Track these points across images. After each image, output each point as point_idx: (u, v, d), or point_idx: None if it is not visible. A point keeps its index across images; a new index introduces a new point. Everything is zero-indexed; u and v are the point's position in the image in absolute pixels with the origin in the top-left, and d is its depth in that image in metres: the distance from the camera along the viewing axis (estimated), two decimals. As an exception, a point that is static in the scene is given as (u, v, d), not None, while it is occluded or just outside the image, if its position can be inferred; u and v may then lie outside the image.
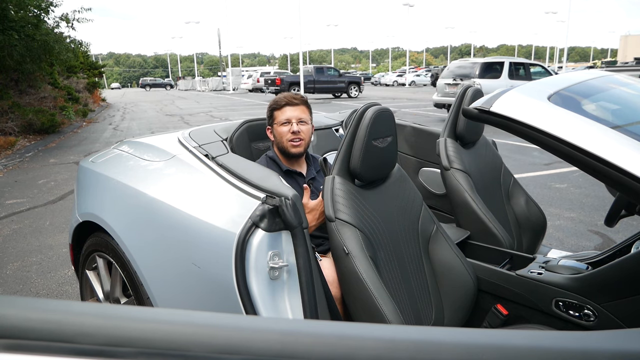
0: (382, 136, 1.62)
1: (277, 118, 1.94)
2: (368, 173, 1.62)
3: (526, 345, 0.44)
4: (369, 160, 1.59)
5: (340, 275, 1.52)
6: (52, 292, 2.97)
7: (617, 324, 1.52)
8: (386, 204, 1.68)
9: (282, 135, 1.92)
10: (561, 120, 0.99)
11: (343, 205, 1.52)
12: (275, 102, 1.96)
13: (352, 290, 1.47)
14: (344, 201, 1.54)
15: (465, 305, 1.73)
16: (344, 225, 1.50)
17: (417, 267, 1.70)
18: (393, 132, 1.68)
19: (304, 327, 0.48)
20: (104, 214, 1.84)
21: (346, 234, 1.48)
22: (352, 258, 1.45)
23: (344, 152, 1.61)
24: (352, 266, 1.45)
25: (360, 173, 1.59)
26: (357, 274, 1.43)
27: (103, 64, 40.46)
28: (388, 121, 1.65)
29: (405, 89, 36.08)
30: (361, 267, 1.44)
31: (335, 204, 1.53)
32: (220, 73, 45.43)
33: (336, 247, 1.50)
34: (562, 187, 5.16)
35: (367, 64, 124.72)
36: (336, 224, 1.50)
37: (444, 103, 11.64)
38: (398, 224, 1.69)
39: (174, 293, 1.58)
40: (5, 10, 9.22)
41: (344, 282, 1.51)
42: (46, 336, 0.43)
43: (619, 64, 32.40)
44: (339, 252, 1.49)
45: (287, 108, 1.93)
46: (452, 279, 1.73)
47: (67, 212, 4.60)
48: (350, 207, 1.53)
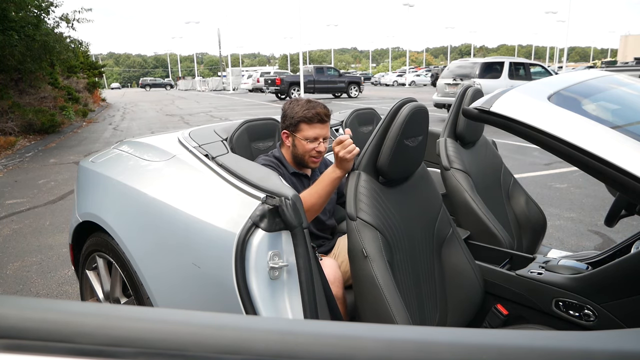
0: (414, 135, 1.57)
1: (303, 131, 1.86)
2: (395, 172, 1.57)
3: (526, 345, 0.44)
4: (398, 159, 1.54)
5: (355, 276, 1.48)
6: (52, 292, 2.97)
7: (617, 324, 1.52)
8: (407, 203, 1.64)
9: (305, 150, 1.87)
10: (561, 120, 0.99)
11: (365, 205, 1.48)
12: (304, 116, 1.84)
13: (366, 294, 1.44)
14: (367, 200, 1.49)
15: (470, 310, 1.72)
16: (365, 227, 1.45)
17: (428, 270, 1.67)
18: (425, 131, 1.63)
19: (304, 327, 0.48)
20: (104, 214, 1.84)
21: (366, 236, 1.44)
22: (370, 262, 1.41)
23: (372, 148, 1.54)
24: (369, 270, 1.41)
25: (387, 171, 1.55)
26: (374, 278, 1.40)
27: (103, 64, 40.43)
28: (423, 120, 1.59)
29: (405, 89, 36.08)
30: (378, 272, 1.40)
31: (358, 202, 1.48)
32: (220, 73, 45.44)
33: (354, 248, 1.46)
34: (562, 187, 5.15)
35: (367, 64, 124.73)
36: (357, 223, 1.46)
37: (444, 103, 11.64)
38: (416, 224, 1.65)
39: (173, 293, 1.58)
40: (5, 11, 9.22)
41: (358, 284, 1.47)
42: (46, 336, 0.43)
43: (619, 64, 32.39)
44: (356, 253, 1.45)
45: (317, 125, 1.85)
46: (460, 284, 1.71)
47: (67, 212, 4.60)
48: (372, 207, 1.49)
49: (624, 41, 67.57)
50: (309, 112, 1.84)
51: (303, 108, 1.86)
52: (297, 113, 1.86)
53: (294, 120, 1.86)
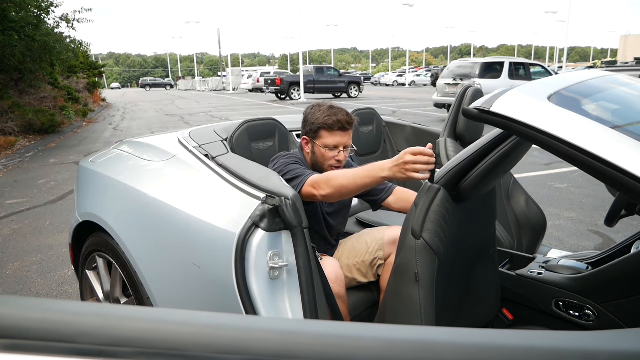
0: (512, 166, 1.52)
1: (324, 138, 1.76)
2: (476, 194, 1.49)
3: (526, 345, 0.44)
4: (488, 184, 1.47)
5: (395, 292, 1.41)
6: (52, 292, 2.97)
7: (617, 324, 1.52)
8: (468, 220, 1.56)
9: (325, 158, 1.78)
10: (561, 120, 0.99)
11: (433, 225, 1.37)
12: (325, 122, 1.75)
13: (402, 315, 1.38)
14: (437, 220, 1.38)
15: (480, 325, 1.70)
16: (425, 250, 1.36)
17: (459, 286, 1.63)
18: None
19: (304, 327, 0.48)
20: (104, 214, 1.84)
21: (424, 259, 1.36)
22: (419, 287, 1.35)
23: (462, 168, 1.42)
24: (415, 295, 1.36)
25: (468, 194, 1.45)
26: (418, 305, 1.35)
27: (103, 64, 40.44)
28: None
29: (405, 89, 36.08)
30: (423, 299, 1.35)
31: (427, 221, 1.36)
32: (220, 73, 45.45)
33: (406, 267, 1.38)
34: (562, 187, 5.15)
35: (367, 64, 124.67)
36: (418, 244, 1.36)
37: (444, 103, 11.64)
38: (468, 241, 1.59)
39: (173, 293, 1.58)
40: (5, 11, 9.22)
41: (396, 302, 1.41)
42: (46, 336, 0.43)
43: (619, 64, 32.40)
44: (407, 273, 1.38)
45: (338, 133, 1.75)
46: (480, 301, 1.69)
47: (67, 212, 4.60)
48: (439, 228, 1.39)
49: (624, 41, 67.56)
50: (330, 118, 1.74)
51: (324, 114, 1.76)
52: (318, 119, 1.76)
53: (314, 126, 1.77)
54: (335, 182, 1.51)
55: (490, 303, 1.72)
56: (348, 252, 1.85)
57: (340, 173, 1.54)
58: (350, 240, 1.91)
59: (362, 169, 1.49)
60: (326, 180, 1.54)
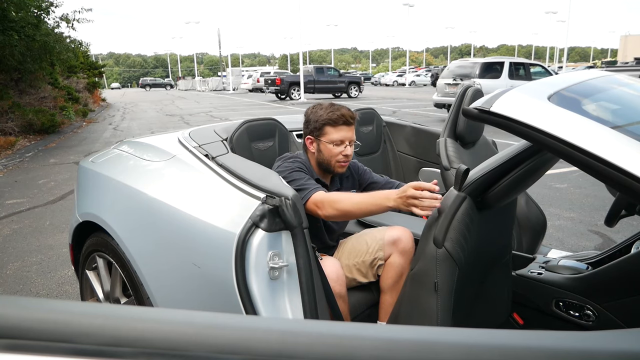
0: (538, 178, 1.52)
1: (329, 135, 1.78)
2: (501, 203, 1.48)
3: (526, 345, 0.44)
4: (514, 194, 1.45)
5: (412, 299, 1.39)
6: (52, 292, 2.97)
7: (617, 324, 1.52)
8: (489, 228, 1.55)
9: (331, 154, 1.79)
10: (561, 120, 0.99)
11: (457, 234, 1.35)
12: (329, 118, 1.78)
13: (417, 324, 1.37)
14: (460, 229, 1.36)
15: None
16: (447, 260, 1.34)
17: (473, 292, 1.62)
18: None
19: (304, 327, 0.48)
20: (104, 214, 1.84)
21: (444, 269, 1.35)
22: (437, 297, 1.34)
23: (489, 178, 1.41)
24: (433, 304, 1.35)
25: (494, 203, 1.44)
26: (435, 313, 1.35)
27: (103, 64, 40.48)
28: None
29: (405, 89, 36.08)
30: (441, 310, 1.35)
31: (450, 230, 1.35)
32: (220, 73, 45.43)
33: (425, 275, 1.37)
34: (562, 187, 5.15)
35: (367, 64, 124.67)
36: (440, 253, 1.35)
37: (444, 103, 11.64)
38: (487, 252, 1.59)
39: (173, 293, 1.58)
40: (5, 11, 9.22)
41: (412, 309, 1.40)
42: (46, 336, 0.43)
43: (619, 64, 32.38)
44: (426, 282, 1.37)
45: (343, 127, 1.78)
46: (492, 305, 1.69)
47: (67, 212, 4.60)
48: (462, 237, 1.37)
49: (624, 41, 67.55)
50: (334, 113, 1.78)
51: (327, 111, 1.80)
52: (322, 116, 1.79)
53: (318, 123, 1.79)
54: (340, 205, 1.55)
55: (502, 307, 1.71)
56: (348, 252, 1.85)
57: (346, 197, 1.58)
58: (350, 240, 1.91)
59: (368, 196, 1.53)
60: (330, 201, 1.57)
